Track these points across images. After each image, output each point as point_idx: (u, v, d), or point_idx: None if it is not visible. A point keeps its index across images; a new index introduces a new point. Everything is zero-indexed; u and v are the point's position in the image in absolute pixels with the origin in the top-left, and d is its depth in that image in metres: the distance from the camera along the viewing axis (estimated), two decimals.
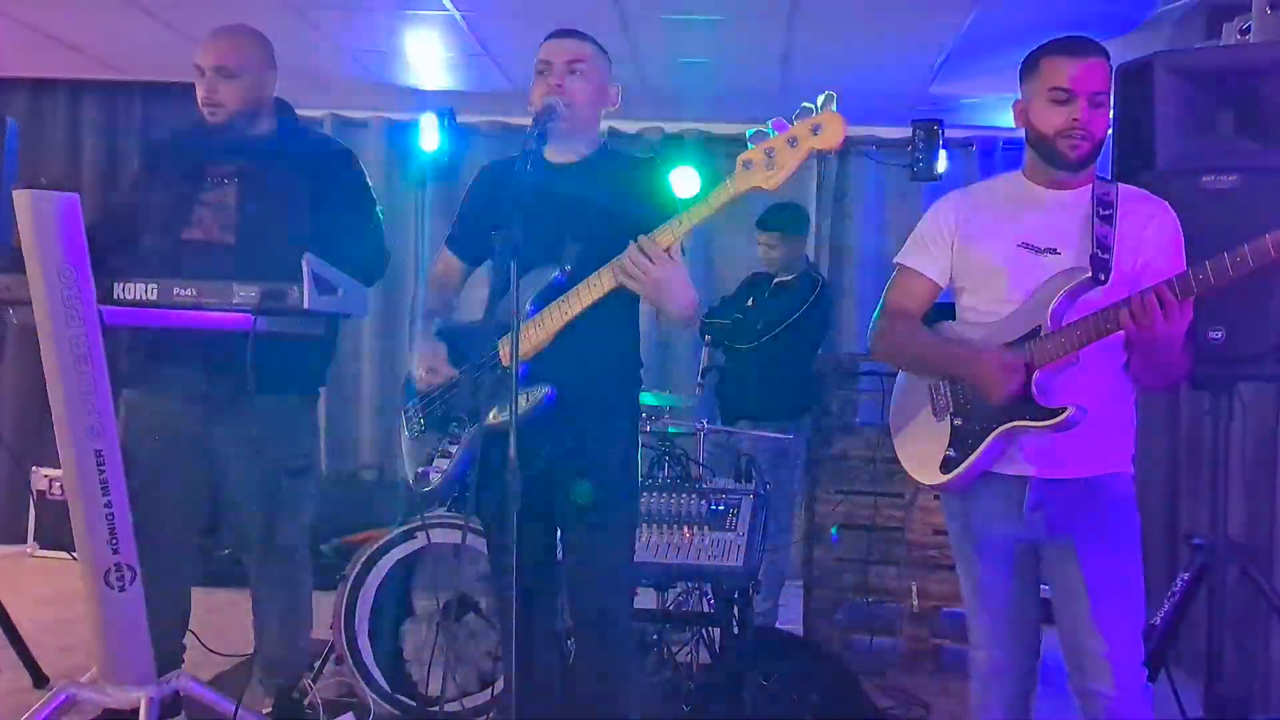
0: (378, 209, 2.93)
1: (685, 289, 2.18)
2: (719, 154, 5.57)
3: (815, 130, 1.99)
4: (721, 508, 3.13)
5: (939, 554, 3.83)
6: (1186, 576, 2.67)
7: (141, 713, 2.40)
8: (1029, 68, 2.19)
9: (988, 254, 2.21)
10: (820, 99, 1.99)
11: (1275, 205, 2.43)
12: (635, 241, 2.09)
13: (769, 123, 2.02)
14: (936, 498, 2.37)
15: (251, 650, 3.01)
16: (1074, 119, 2.10)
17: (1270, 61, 2.55)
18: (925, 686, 3.64)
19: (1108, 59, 2.15)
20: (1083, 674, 2.15)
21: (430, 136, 5.26)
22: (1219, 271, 1.94)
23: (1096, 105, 2.11)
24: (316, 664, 3.26)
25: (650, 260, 2.08)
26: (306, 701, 3.00)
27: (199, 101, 2.71)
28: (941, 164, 5.39)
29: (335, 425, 5.82)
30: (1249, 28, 3.49)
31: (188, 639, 2.91)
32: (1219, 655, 2.66)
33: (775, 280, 4.46)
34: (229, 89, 2.68)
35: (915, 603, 3.88)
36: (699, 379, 4.58)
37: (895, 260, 2.36)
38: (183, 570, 2.88)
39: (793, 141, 2.00)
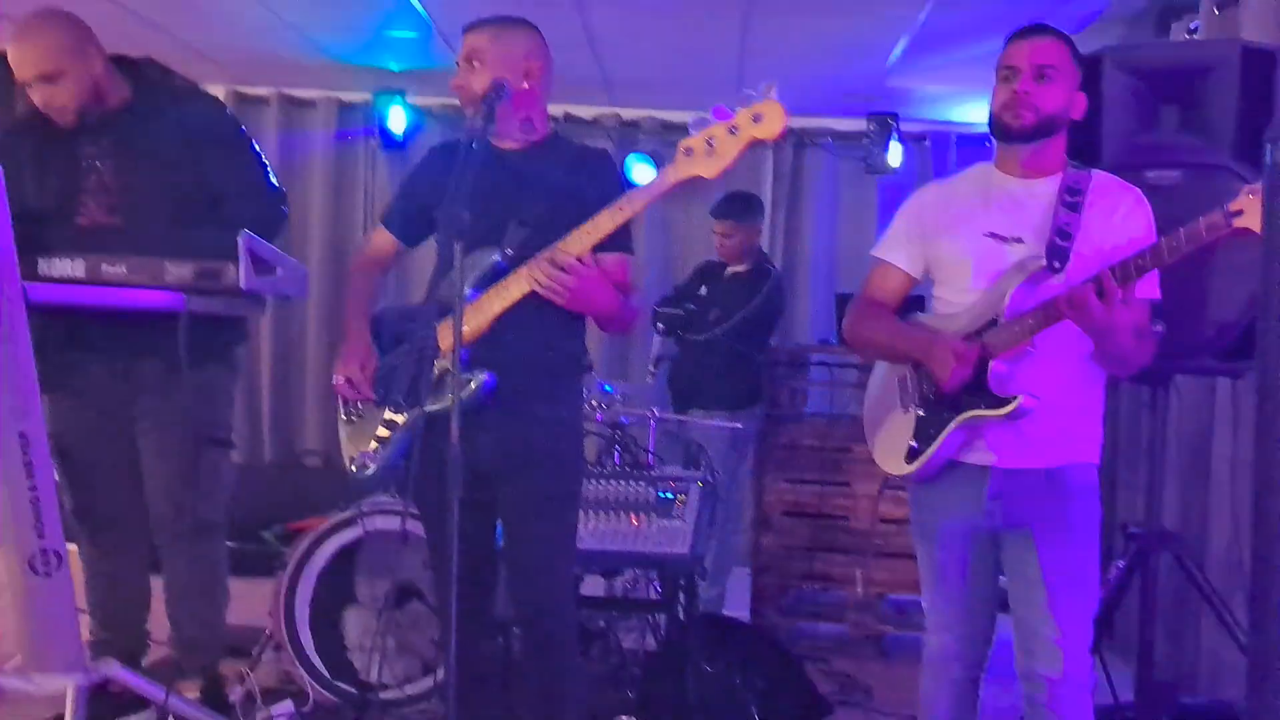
0: (259, 151, 2.83)
1: (604, 297, 2.15)
2: (675, 141, 5.53)
3: (756, 119, 1.98)
4: (669, 495, 3.12)
5: (884, 542, 3.86)
6: (1121, 564, 2.71)
7: (69, 700, 2.34)
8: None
9: (955, 245, 2.22)
10: (763, 87, 1.99)
11: (1216, 201, 2.46)
12: (546, 252, 2.05)
13: (710, 110, 2.01)
14: (899, 489, 2.38)
15: None
16: (1014, 90, 2.13)
17: (1215, 60, 2.58)
18: (869, 672, 3.67)
19: (1063, 39, 2.17)
20: (1031, 658, 2.18)
21: (398, 122, 5.36)
22: (1155, 257, 1.97)
23: (1042, 79, 2.12)
24: (255, 650, 3.21)
25: (563, 270, 2.04)
26: (244, 689, 2.96)
27: (41, 108, 2.59)
28: (895, 157, 5.43)
29: (279, 411, 5.77)
30: (1196, 27, 3.55)
31: None
32: (1151, 640, 2.70)
33: (729, 270, 4.45)
34: (61, 92, 2.56)
35: (860, 590, 3.91)
36: (651, 367, 4.57)
37: (872, 253, 2.37)
38: (136, 557, 2.87)
39: (733, 130, 2.00)
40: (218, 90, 5.21)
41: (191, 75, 2.94)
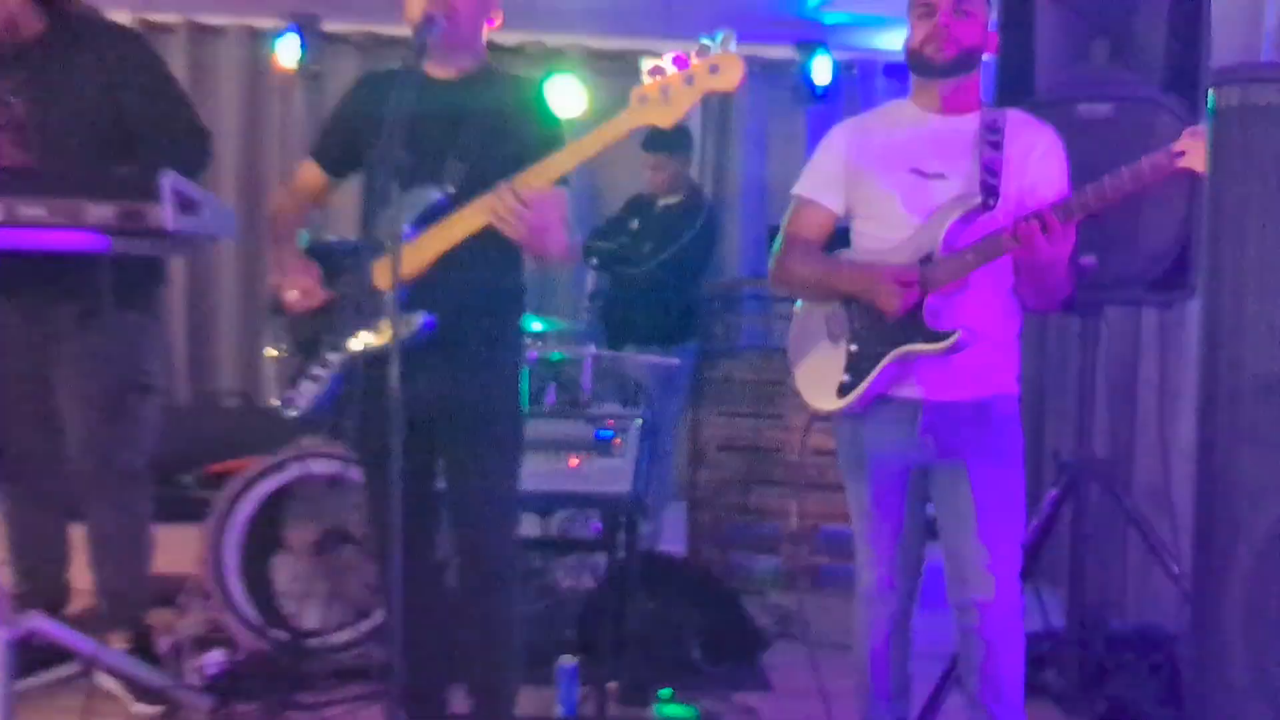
0: (180, 86, 2.75)
1: (559, 234, 2.12)
2: (602, 70, 5.44)
3: (713, 70, 1.96)
4: (608, 434, 3.10)
5: (817, 474, 3.90)
6: (1053, 494, 2.77)
7: None
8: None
9: (878, 180, 2.22)
10: (720, 37, 1.96)
11: (1147, 134, 2.49)
12: (508, 183, 2.00)
13: (667, 58, 1.98)
14: (827, 419, 2.38)
15: None
16: (935, 24, 2.15)
17: None
18: (804, 603, 3.73)
19: None
20: (964, 585, 2.22)
21: (288, 53, 5.03)
22: (1099, 194, 2.01)
23: (961, 14, 2.15)
24: (180, 599, 3.14)
25: (524, 204, 2.00)
26: (172, 640, 2.91)
27: None
28: (824, 81, 5.39)
29: (195, 348, 5.55)
30: None
31: None
32: (1081, 567, 2.78)
33: (661, 203, 4.40)
34: None
35: (795, 522, 3.96)
36: (585, 303, 4.52)
37: (792, 191, 2.35)
38: (54, 506, 2.81)
39: (689, 80, 1.97)
40: (121, 17, 4.91)
41: (94, 1, 2.77)
